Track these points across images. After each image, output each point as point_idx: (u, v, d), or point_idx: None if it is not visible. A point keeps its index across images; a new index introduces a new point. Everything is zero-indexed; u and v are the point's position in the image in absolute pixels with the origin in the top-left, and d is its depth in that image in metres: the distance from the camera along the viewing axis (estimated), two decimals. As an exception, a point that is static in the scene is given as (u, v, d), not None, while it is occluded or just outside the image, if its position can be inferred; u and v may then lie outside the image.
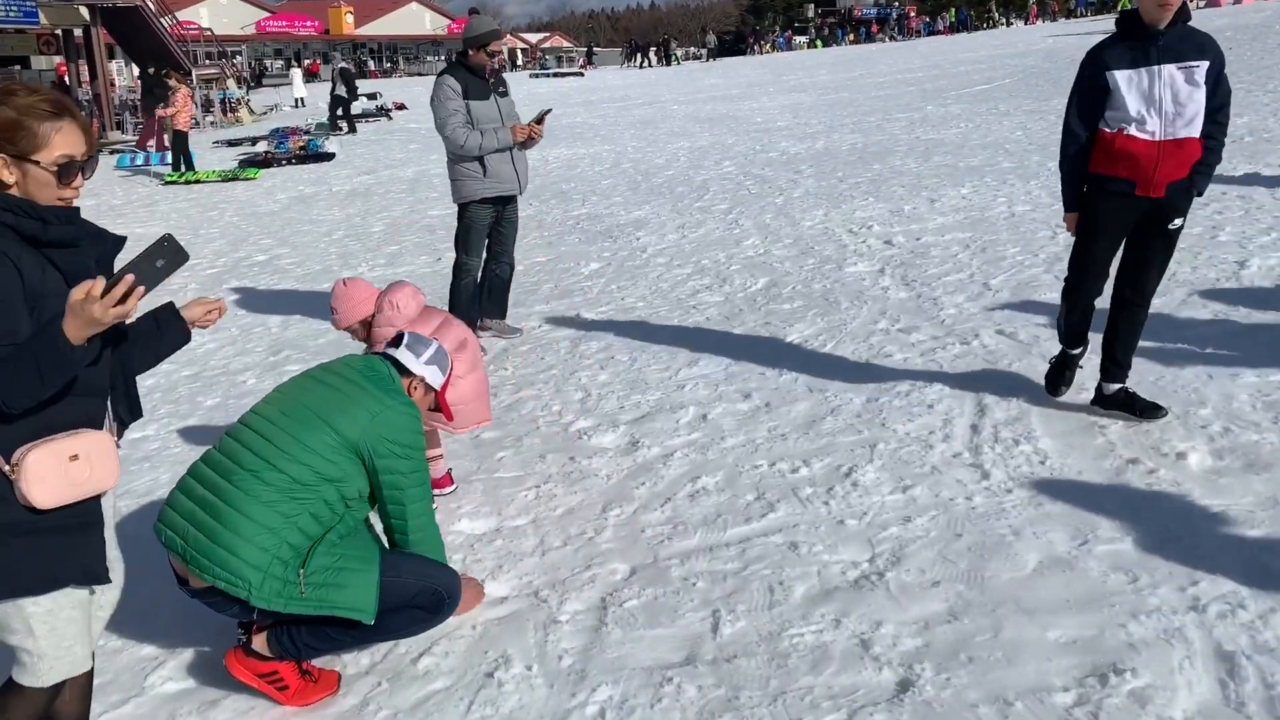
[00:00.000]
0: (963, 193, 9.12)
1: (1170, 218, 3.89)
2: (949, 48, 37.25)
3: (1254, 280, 5.63)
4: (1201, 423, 4.02)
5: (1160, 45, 3.74)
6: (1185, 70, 3.71)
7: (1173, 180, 3.81)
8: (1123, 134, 3.82)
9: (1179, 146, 3.76)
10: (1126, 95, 3.79)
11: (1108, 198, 3.95)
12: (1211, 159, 3.83)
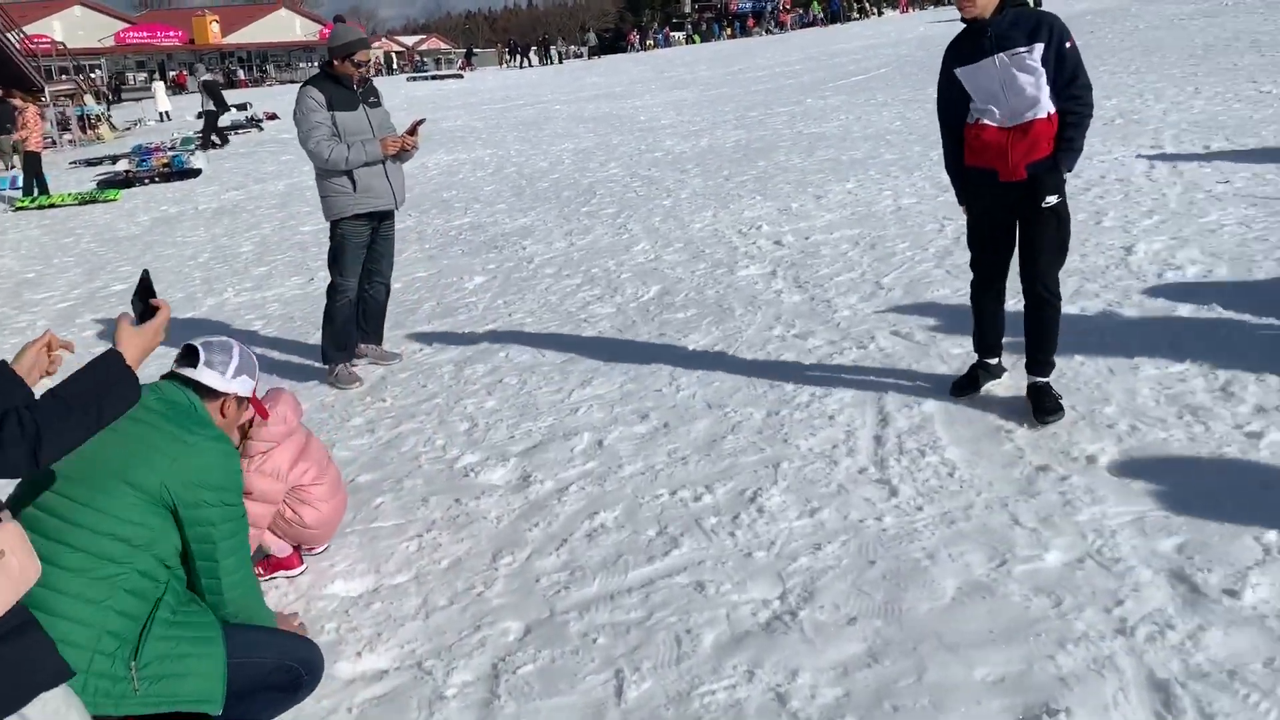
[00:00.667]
0: (848, 187, 9.05)
1: (1040, 196, 3.81)
2: (825, 39, 37.78)
3: (1141, 266, 5.62)
4: (1108, 421, 3.92)
5: (990, 35, 3.78)
6: (1016, 56, 3.71)
7: (1031, 161, 3.79)
8: (977, 124, 3.91)
9: (1025, 131, 3.77)
10: (971, 88, 3.91)
11: (978, 188, 4.02)
12: (1073, 134, 3.77)
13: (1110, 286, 5.37)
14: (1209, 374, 4.15)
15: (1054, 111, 3.77)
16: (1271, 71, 11.83)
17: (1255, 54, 13.53)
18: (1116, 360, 4.44)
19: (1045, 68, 3.73)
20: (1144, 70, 13.96)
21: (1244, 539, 3.03)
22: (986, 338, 4.30)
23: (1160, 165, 8.04)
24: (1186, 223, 6.30)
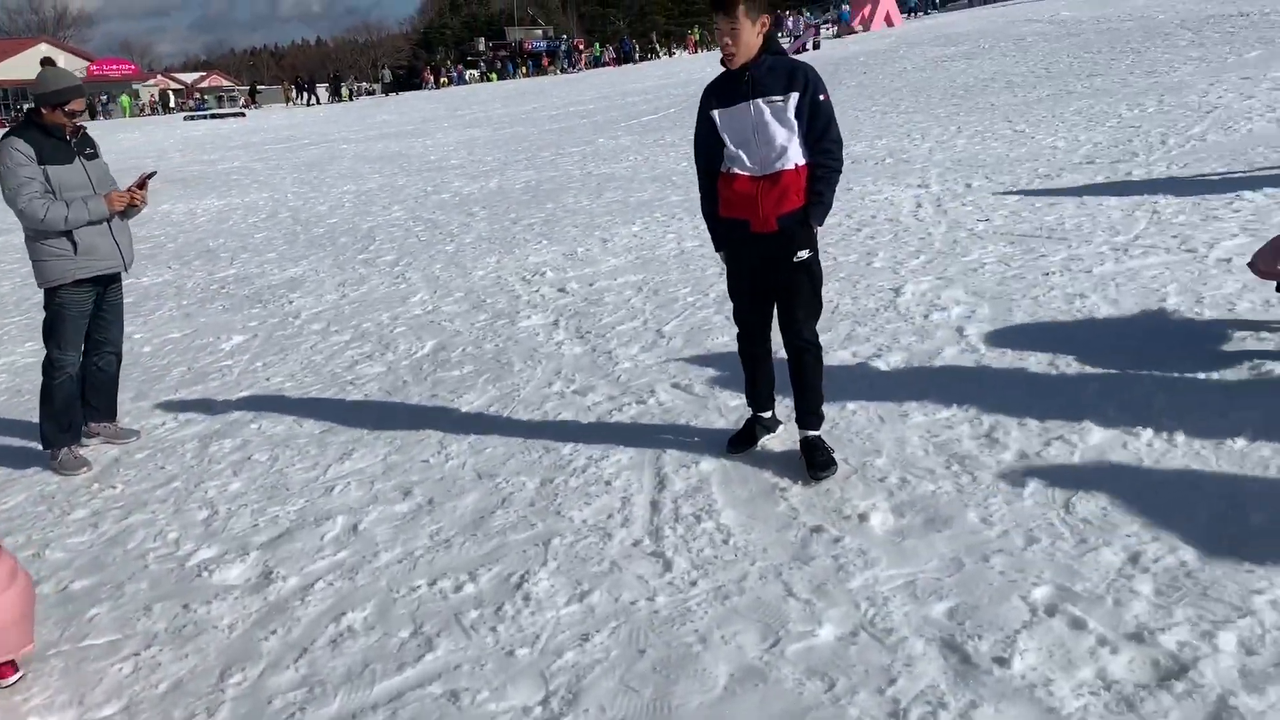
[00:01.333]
0: (634, 230, 8.95)
1: (791, 251, 3.73)
2: (618, 79, 38.35)
3: (909, 308, 5.70)
4: (879, 474, 3.85)
5: (748, 80, 3.67)
6: (772, 104, 3.63)
7: (783, 214, 3.69)
8: (729, 173, 3.78)
9: (775, 181, 3.67)
10: (725, 133, 3.75)
11: (733, 239, 3.88)
12: (822, 188, 3.70)
13: (880, 330, 5.41)
14: (974, 419, 4.17)
15: (803, 164, 3.69)
16: (1024, 111, 12.65)
17: (1009, 94, 14.48)
18: (887, 407, 4.42)
19: (798, 119, 3.66)
20: (912, 110, 14.69)
21: (1012, 599, 2.97)
22: (759, 390, 4.18)
23: (927, 204, 8.33)
24: (951, 262, 6.49)
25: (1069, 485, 3.54)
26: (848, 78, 21.89)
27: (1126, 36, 18.32)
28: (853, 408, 4.47)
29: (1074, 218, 7.11)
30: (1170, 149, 8.93)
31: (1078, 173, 8.62)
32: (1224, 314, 4.90)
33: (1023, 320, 5.21)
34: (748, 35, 3.63)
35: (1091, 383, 4.34)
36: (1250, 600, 2.78)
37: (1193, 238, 6.17)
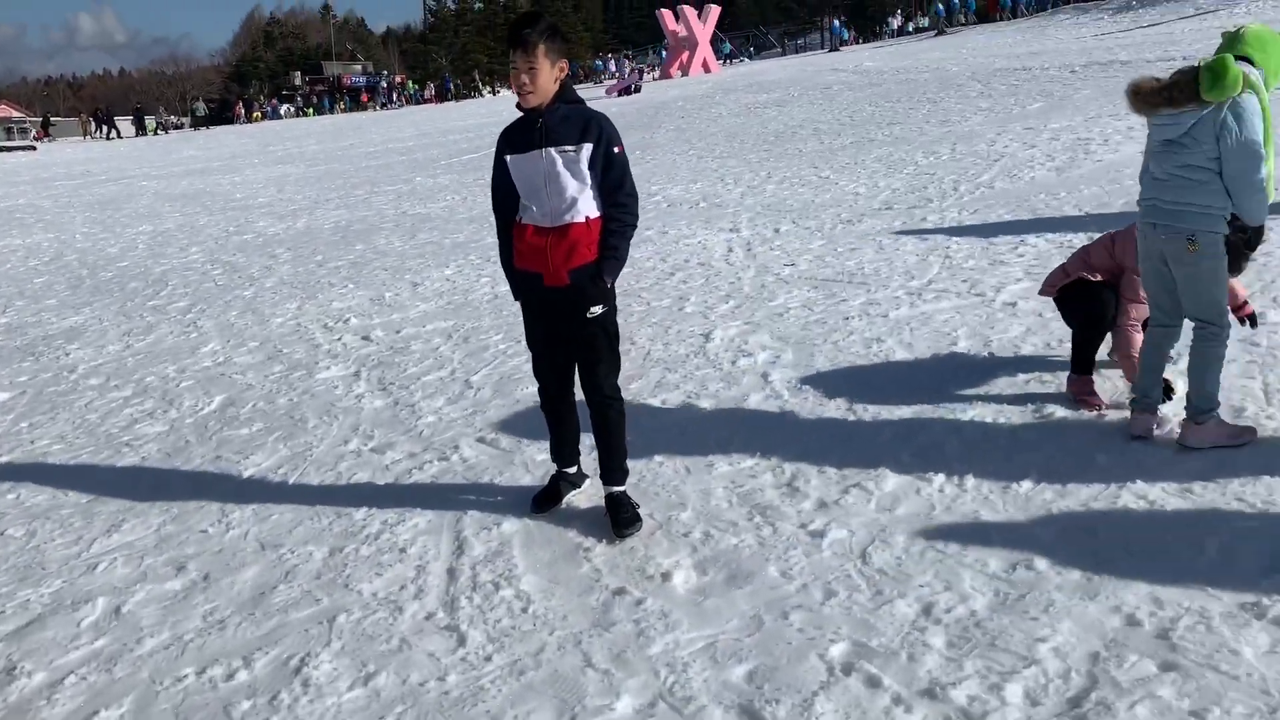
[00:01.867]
0: (446, 274, 8.73)
1: (584, 306, 3.63)
2: (439, 116, 37.94)
3: (717, 354, 5.72)
4: (684, 529, 3.78)
5: (541, 127, 3.56)
6: (565, 154, 3.53)
7: (574, 267, 3.59)
8: (520, 224, 3.67)
9: (565, 234, 3.56)
10: (516, 179, 3.64)
11: (528, 292, 3.76)
12: (616, 241, 3.62)
13: (689, 377, 5.39)
14: (777, 468, 4.17)
15: (595, 217, 3.60)
16: (829, 157, 13.14)
17: (816, 141, 15.03)
18: (693, 458, 4.37)
19: (592, 171, 3.57)
20: (726, 155, 15.04)
21: (810, 658, 2.92)
22: (562, 445, 4.05)
23: (738, 248, 8.47)
24: (759, 306, 6.57)
25: (866, 535, 3.56)
26: (667, 122, 22.32)
27: (923, 87, 19.41)
28: (660, 459, 4.40)
29: (873, 262, 7.36)
30: (962, 195, 9.41)
31: (877, 218, 8.96)
32: (1010, 356, 5.11)
33: (824, 365, 5.30)
34: (546, 76, 3.53)
35: (887, 428, 4.42)
36: (1035, 649, 2.83)
37: (981, 282, 6.46)
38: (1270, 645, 2.69)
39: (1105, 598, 3.01)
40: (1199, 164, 3.61)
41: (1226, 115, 3.52)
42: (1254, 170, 3.52)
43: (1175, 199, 3.69)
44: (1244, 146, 3.51)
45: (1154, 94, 3.69)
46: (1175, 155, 3.68)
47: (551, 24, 3.60)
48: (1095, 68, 17.16)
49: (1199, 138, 3.59)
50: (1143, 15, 29.06)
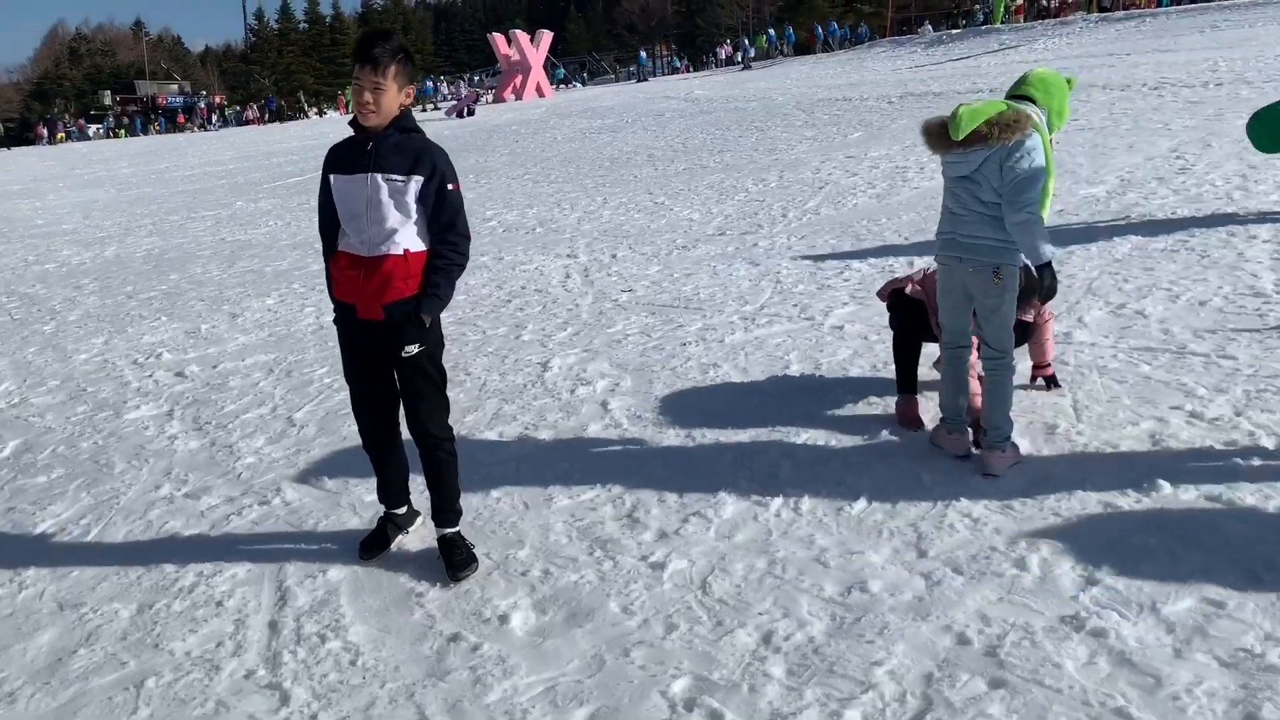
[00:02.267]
0: (268, 304, 8.33)
1: (400, 344, 3.44)
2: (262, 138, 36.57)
3: (556, 383, 5.64)
4: (522, 568, 3.66)
5: (372, 150, 3.38)
6: (392, 183, 3.36)
7: (389, 302, 3.41)
8: (337, 253, 3.49)
9: (378, 266, 3.38)
10: (338, 199, 3.45)
11: (342, 322, 3.59)
12: (441, 280, 3.44)
13: (527, 408, 5.28)
14: (617, 499, 4.11)
15: (416, 251, 3.41)
16: (663, 183, 13.30)
17: (651, 167, 15.22)
18: (532, 492, 4.26)
19: (419, 205, 3.40)
20: (562, 180, 15.04)
21: (652, 695, 2.86)
22: (389, 485, 3.87)
23: (575, 275, 8.43)
24: (597, 333, 6.53)
25: (706, 564, 3.53)
26: (501, 145, 22.20)
27: (751, 116, 19.98)
28: (497, 495, 4.27)
29: (708, 288, 7.45)
30: (790, 221, 9.66)
31: (711, 244, 9.10)
32: (839, 379, 5.23)
33: (663, 392, 5.29)
34: (392, 98, 3.36)
35: (726, 453, 4.43)
36: (872, 673, 2.85)
37: (811, 306, 6.62)
38: (1089, 656, 2.79)
39: (936, 617, 3.07)
40: (991, 199, 3.76)
41: (1009, 155, 3.68)
42: (1028, 205, 3.65)
43: (973, 233, 3.84)
44: (1020, 183, 3.66)
45: (944, 134, 3.82)
46: (969, 191, 3.83)
47: (405, 46, 3.43)
48: (910, 99, 18.05)
49: (988, 174, 3.75)
50: (952, 49, 30.85)
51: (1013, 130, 3.67)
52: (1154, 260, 6.48)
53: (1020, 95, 3.89)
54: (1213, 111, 11.70)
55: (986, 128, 3.70)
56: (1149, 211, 7.78)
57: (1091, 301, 5.84)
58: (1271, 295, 5.46)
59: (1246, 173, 8.51)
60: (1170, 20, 26.54)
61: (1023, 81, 3.94)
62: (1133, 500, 3.58)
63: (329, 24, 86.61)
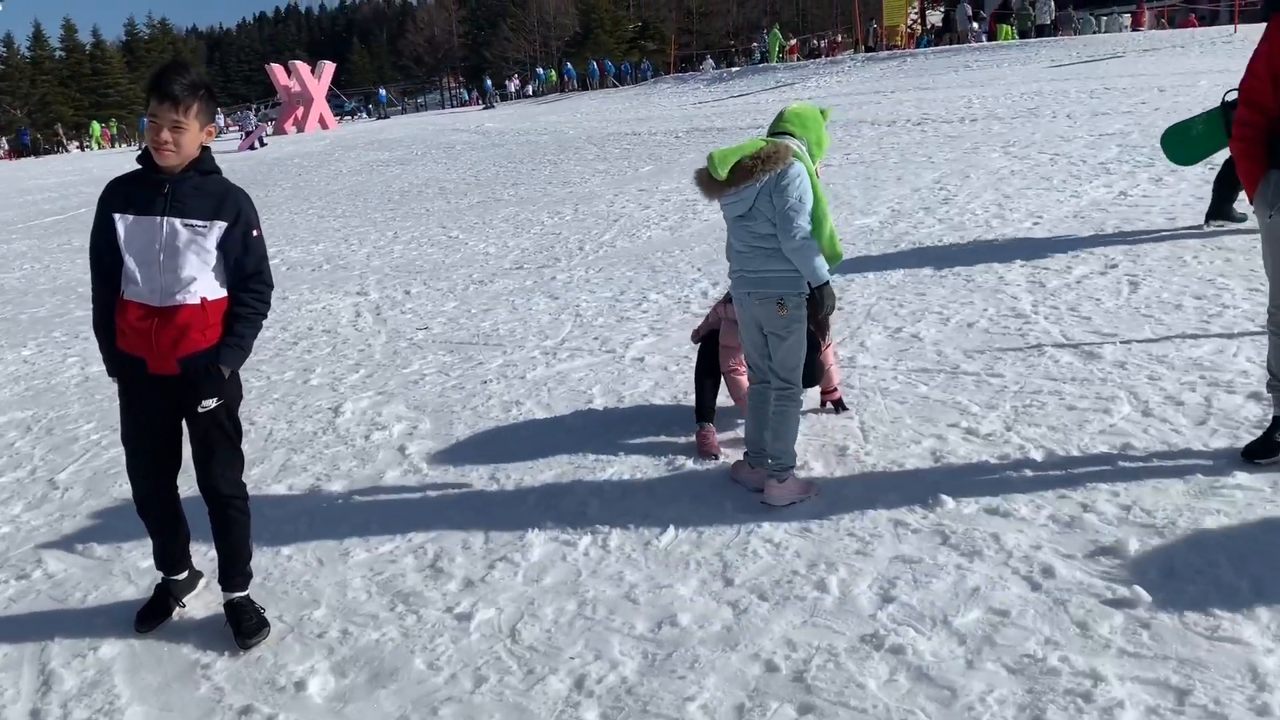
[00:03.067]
0: (24, 354, 7.62)
1: (196, 399, 3.24)
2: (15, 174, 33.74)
3: (349, 429, 5.40)
4: (318, 629, 3.45)
5: (169, 193, 3.15)
6: (191, 228, 3.15)
7: (185, 355, 3.20)
8: (123, 301, 3.22)
9: (173, 316, 3.17)
10: (125, 246, 3.18)
11: (130, 378, 3.31)
12: (244, 330, 3.27)
13: (318, 457, 5.03)
14: (419, 549, 3.95)
15: (215, 299, 3.23)
16: (457, 216, 13.12)
17: (443, 200, 14.99)
18: (327, 547, 4.04)
19: (220, 251, 3.20)
20: (349, 214, 14.59)
21: (463, 755, 2.75)
22: (169, 550, 3.58)
23: (366, 313, 8.16)
24: (392, 374, 6.32)
25: (515, 611, 3.44)
26: (283, 179, 21.36)
27: (544, 149, 20.08)
28: (288, 553, 4.03)
29: (508, 323, 7.36)
30: (587, 254, 9.72)
31: (509, 278, 9.02)
32: (643, 411, 5.26)
33: (464, 433, 5.16)
34: (192, 138, 3.12)
35: (531, 494, 4.36)
36: (685, 709, 2.84)
37: (612, 339, 6.66)
38: (889, 674, 2.89)
39: (745, 646, 3.10)
40: (768, 232, 3.89)
41: (776, 184, 3.83)
42: (800, 231, 3.81)
43: (758, 268, 3.95)
44: (789, 210, 3.81)
45: (714, 180, 3.92)
46: (748, 228, 3.95)
47: (206, 80, 3.20)
48: (696, 134, 18.63)
49: (762, 209, 3.88)
50: (733, 86, 32.15)
51: (775, 162, 3.80)
52: (925, 286, 6.90)
53: (780, 132, 4.05)
54: (970, 145, 12.66)
55: (751, 163, 3.82)
56: (918, 240, 8.30)
57: (871, 326, 6.14)
58: (1030, 315, 5.91)
59: (1002, 202, 9.23)
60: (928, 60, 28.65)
61: (780, 119, 4.11)
62: (920, 517, 3.75)
63: (88, 52, 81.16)
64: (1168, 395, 4.54)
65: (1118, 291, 6.16)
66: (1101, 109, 13.85)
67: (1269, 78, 3.62)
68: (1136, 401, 4.51)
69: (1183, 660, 2.76)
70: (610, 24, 64.97)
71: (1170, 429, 4.21)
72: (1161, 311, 5.69)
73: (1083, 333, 5.50)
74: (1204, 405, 4.39)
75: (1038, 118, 13.97)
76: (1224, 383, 4.58)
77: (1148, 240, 7.27)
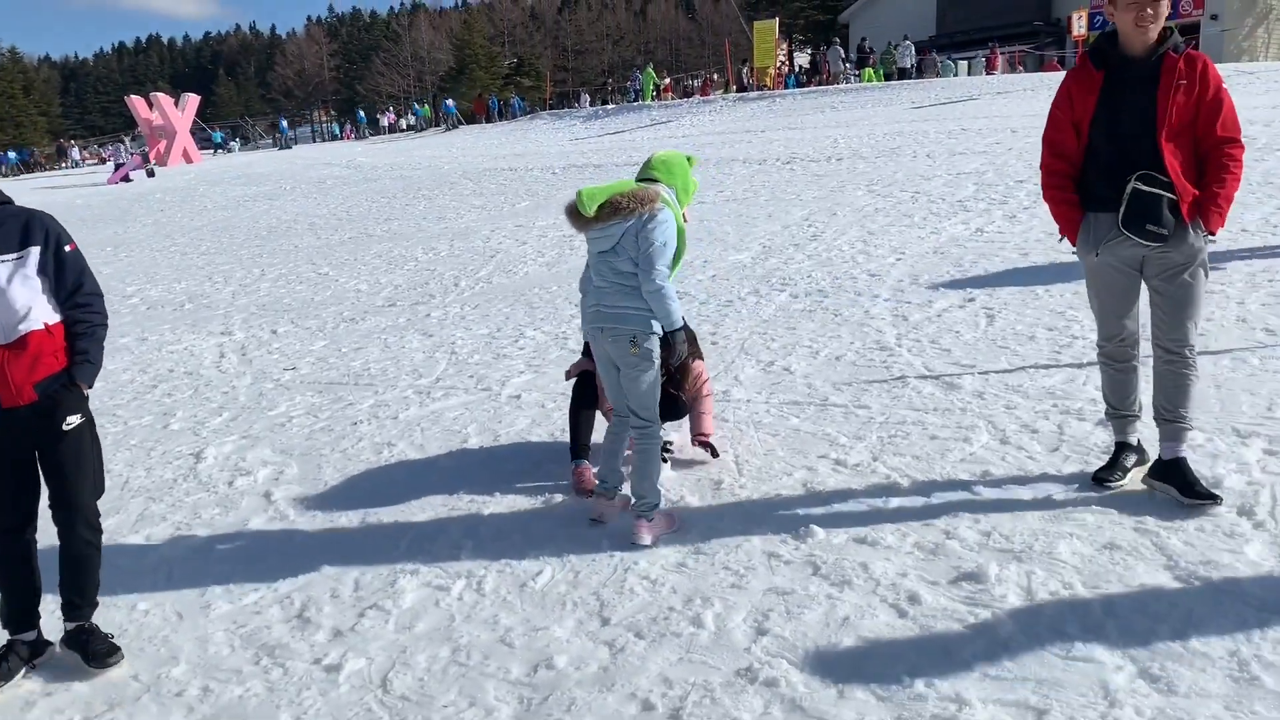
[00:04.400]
0: None
1: (60, 417, 3.25)
2: None
3: (213, 475, 5.20)
4: (177, 688, 3.29)
5: None
6: (5, 264, 3.17)
7: (40, 380, 3.22)
8: None
9: (23, 347, 3.18)
10: None
11: None
12: (87, 345, 3.32)
13: (178, 505, 4.82)
14: (285, 599, 3.82)
15: (54, 322, 3.26)
16: (327, 253, 12.84)
17: (313, 236, 14.66)
18: (187, 600, 3.87)
19: (43, 275, 3.21)
20: (214, 251, 14.13)
21: (331, 815, 2.64)
22: (17, 605, 3.39)
23: (231, 353, 7.88)
24: (257, 417, 6.12)
25: (386, 660, 3.35)
26: (144, 215, 20.58)
27: (419, 184, 19.87)
28: (145, 607, 3.84)
29: (379, 361, 7.22)
30: (463, 290, 9.63)
31: (381, 315, 8.86)
32: (519, 449, 5.22)
33: (333, 477, 5.02)
34: None
35: (403, 538, 4.26)
36: (561, 753, 2.80)
37: (488, 376, 6.59)
38: (764, 707, 2.91)
39: (621, 686, 3.09)
40: (629, 270, 3.94)
41: (644, 226, 3.89)
42: (659, 275, 3.88)
43: (615, 303, 3.99)
44: (651, 253, 3.88)
45: (582, 214, 3.97)
46: (610, 263, 3.99)
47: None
48: (573, 170, 18.74)
49: (626, 247, 3.93)
50: (608, 123, 32.49)
51: (645, 203, 3.87)
52: (795, 320, 7.07)
53: (647, 178, 4.12)
54: (836, 183, 13.09)
55: (624, 200, 3.87)
56: (789, 275, 8.51)
57: (745, 360, 6.25)
58: (894, 348, 6.11)
59: (867, 238, 9.56)
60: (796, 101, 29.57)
61: (647, 165, 4.19)
62: (792, 548, 3.81)
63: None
64: (1023, 424, 4.75)
65: (976, 324, 6.44)
66: (959, 149, 14.51)
67: (1070, 128, 3.83)
68: (994, 430, 4.70)
69: (1040, 681, 2.87)
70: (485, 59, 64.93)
71: (1026, 456, 4.40)
72: (1016, 343, 5.97)
73: (944, 364, 5.72)
74: (1057, 432, 4.60)
75: (899, 157, 14.55)
76: (1075, 410, 4.81)
77: (1003, 274, 7.62)
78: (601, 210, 3.88)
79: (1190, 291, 3.71)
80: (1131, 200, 3.64)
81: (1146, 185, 3.62)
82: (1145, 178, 3.62)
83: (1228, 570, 3.32)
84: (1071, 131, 3.82)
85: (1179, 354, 3.79)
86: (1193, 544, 3.51)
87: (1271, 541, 3.47)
